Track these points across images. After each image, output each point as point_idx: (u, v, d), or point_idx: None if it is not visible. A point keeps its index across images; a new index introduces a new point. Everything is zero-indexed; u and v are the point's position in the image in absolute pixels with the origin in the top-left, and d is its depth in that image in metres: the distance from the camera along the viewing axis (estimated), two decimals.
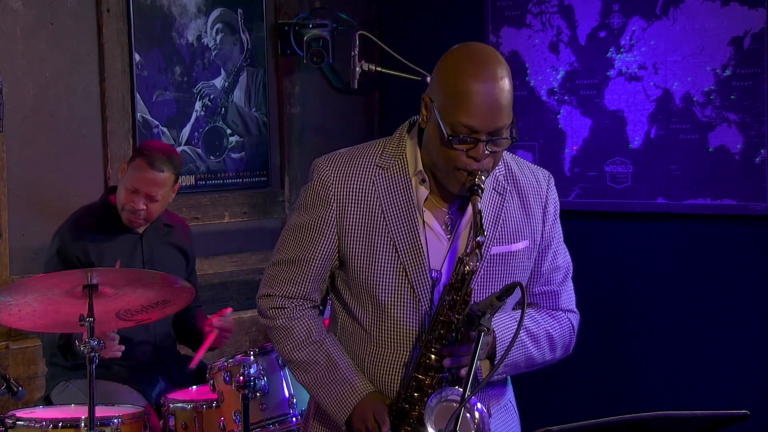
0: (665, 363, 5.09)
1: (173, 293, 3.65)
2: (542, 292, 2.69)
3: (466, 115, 2.39)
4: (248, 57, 5.43)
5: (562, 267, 2.71)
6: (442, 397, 2.45)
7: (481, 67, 2.41)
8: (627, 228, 5.19)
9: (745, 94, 4.82)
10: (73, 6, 4.77)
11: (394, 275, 2.52)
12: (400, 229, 2.52)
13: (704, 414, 2.26)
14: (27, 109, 4.63)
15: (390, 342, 2.56)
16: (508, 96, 2.42)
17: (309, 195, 2.59)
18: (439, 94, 2.45)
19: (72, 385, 4.12)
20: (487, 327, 2.38)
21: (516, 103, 2.52)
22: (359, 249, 2.54)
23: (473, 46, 2.49)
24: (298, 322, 2.61)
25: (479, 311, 2.39)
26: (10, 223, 4.56)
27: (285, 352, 2.63)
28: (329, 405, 2.57)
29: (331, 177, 2.55)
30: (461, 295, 2.44)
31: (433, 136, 2.46)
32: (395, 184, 2.54)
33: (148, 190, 4.11)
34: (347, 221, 2.54)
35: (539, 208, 2.66)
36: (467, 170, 2.43)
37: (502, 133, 2.44)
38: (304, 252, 2.58)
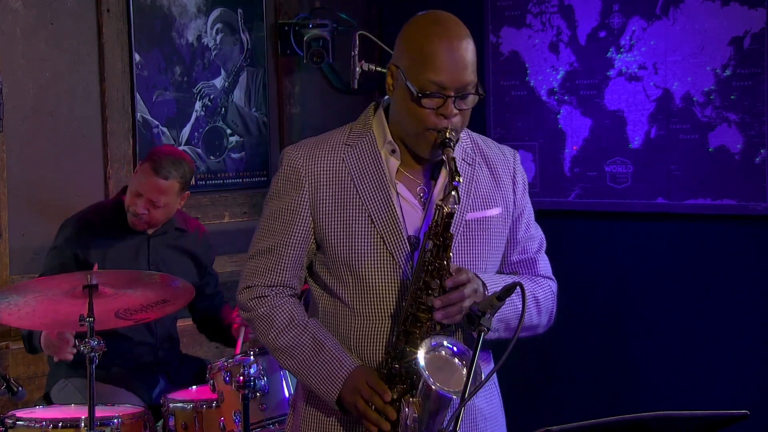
0: (665, 363, 5.09)
1: (173, 293, 3.65)
2: (520, 260, 2.73)
3: (434, 72, 2.45)
4: (248, 57, 5.43)
5: (537, 237, 2.76)
6: (431, 346, 2.44)
7: (444, 27, 2.51)
8: (627, 228, 5.19)
9: (745, 94, 4.82)
10: (73, 6, 4.77)
11: (372, 245, 2.54)
12: (374, 199, 2.55)
13: (704, 414, 2.26)
14: (27, 109, 4.63)
15: (374, 312, 2.56)
16: (473, 53, 2.51)
17: (280, 181, 2.61)
18: (404, 58, 2.51)
19: (71, 384, 4.12)
20: (488, 327, 2.38)
21: (516, 103, 2.54)
22: (336, 226, 2.56)
23: (434, 12, 2.59)
24: (280, 309, 2.61)
25: (479, 311, 2.39)
26: (10, 223, 4.56)
27: (269, 340, 2.62)
28: (318, 385, 2.56)
29: (300, 160, 2.58)
30: (441, 240, 2.46)
31: (402, 100, 2.52)
32: (365, 158, 2.58)
33: (151, 195, 4.10)
34: (321, 200, 2.56)
35: (508, 178, 2.70)
36: (437, 129, 2.48)
37: (469, 89, 2.49)
38: (281, 238, 2.59)
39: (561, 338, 5.35)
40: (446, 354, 2.48)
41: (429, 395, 2.43)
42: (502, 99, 5.42)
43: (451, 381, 2.44)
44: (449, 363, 2.47)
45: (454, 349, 2.48)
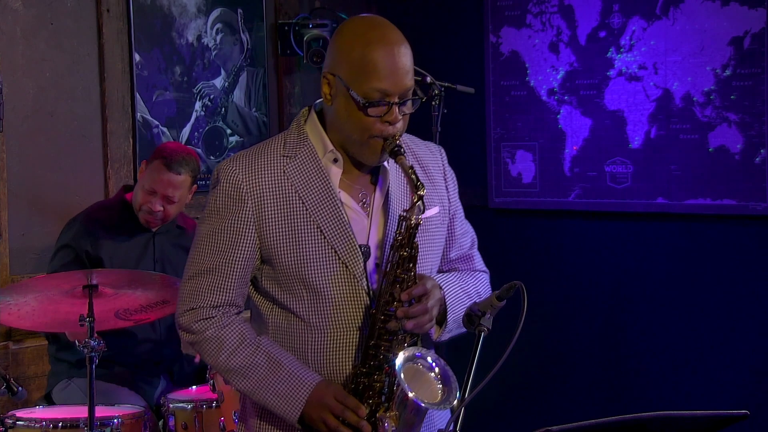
0: (665, 363, 5.09)
1: (172, 293, 3.65)
2: (458, 257, 2.74)
3: (378, 80, 2.44)
4: (248, 57, 5.43)
5: (469, 233, 2.78)
6: (406, 357, 2.44)
7: (382, 33, 2.50)
8: (627, 228, 5.19)
9: (745, 94, 4.82)
10: (73, 6, 4.77)
11: (325, 257, 2.50)
12: (321, 211, 2.51)
13: (704, 414, 2.26)
14: (27, 109, 4.63)
15: (333, 325, 2.52)
16: (411, 58, 2.50)
17: (220, 199, 2.55)
18: (343, 68, 2.47)
19: (73, 384, 4.12)
20: (488, 327, 2.38)
21: (516, 103, 2.54)
22: (285, 240, 2.51)
23: (367, 17, 2.59)
24: (229, 329, 2.53)
25: (479, 311, 2.40)
26: (10, 223, 4.55)
27: (220, 362, 2.53)
28: (277, 404, 2.49)
29: (240, 175, 2.52)
30: (408, 251, 2.46)
31: (343, 110, 2.49)
32: (307, 169, 2.53)
33: (165, 191, 4.12)
34: (266, 216, 2.51)
35: (440, 176, 2.70)
36: (383, 136, 2.47)
37: (410, 94, 2.50)
38: (224, 258, 2.52)
39: (561, 338, 5.36)
40: (422, 367, 2.47)
41: (406, 406, 2.41)
42: (502, 99, 5.42)
43: (426, 393, 2.44)
44: (424, 375, 2.47)
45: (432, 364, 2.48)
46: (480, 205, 5.50)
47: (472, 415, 2.76)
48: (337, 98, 2.50)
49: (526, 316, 2.41)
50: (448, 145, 4.93)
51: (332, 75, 2.49)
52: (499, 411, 5.13)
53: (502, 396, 4.55)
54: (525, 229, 5.44)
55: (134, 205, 4.21)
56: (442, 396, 2.45)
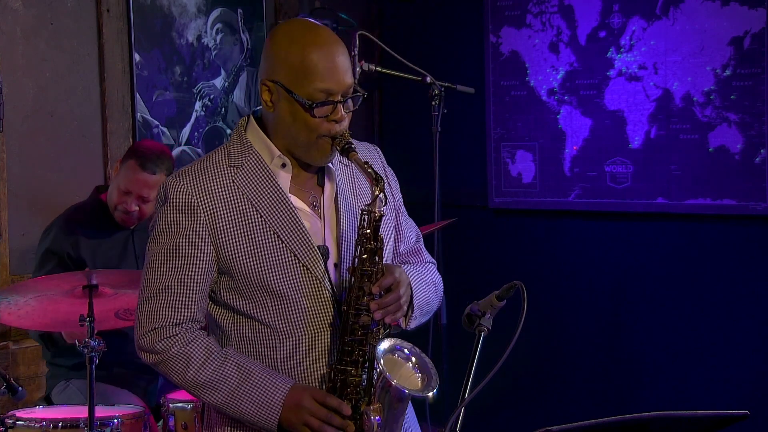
0: (665, 363, 5.09)
1: None
2: (407, 251, 2.76)
3: (320, 80, 2.45)
4: (248, 57, 5.43)
5: (413, 227, 2.81)
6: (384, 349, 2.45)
7: (316, 34, 2.50)
8: (627, 228, 5.19)
9: (745, 94, 4.82)
10: (73, 6, 4.77)
11: (285, 262, 2.50)
12: (275, 216, 2.51)
13: (704, 414, 2.26)
14: (27, 109, 4.63)
15: (300, 328, 2.51)
16: (347, 56, 2.52)
17: (171, 215, 2.50)
18: (282, 72, 2.48)
19: (72, 385, 4.12)
20: (487, 327, 2.38)
21: (516, 103, 2.54)
22: (243, 250, 2.50)
23: (295, 21, 2.62)
24: (194, 344, 2.50)
25: (479, 311, 2.40)
26: (10, 223, 4.55)
27: (188, 380, 2.49)
28: (254, 414, 2.46)
29: (189, 189, 2.50)
30: (374, 244, 2.47)
31: (287, 114, 2.49)
32: (256, 176, 2.53)
33: (140, 191, 4.11)
34: (221, 227, 2.50)
35: (381, 173, 2.68)
36: (331, 135, 2.49)
37: (351, 92, 2.52)
38: (181, 274, 2.49)
39: (561, 338, 5.36)
40: (400, 358, 2.49)
41: (389, 394, 2.42)
42: (502, 99, 5.42)
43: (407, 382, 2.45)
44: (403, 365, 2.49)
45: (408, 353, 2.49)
46: (480, 205, 5.50)
47: (472, 415, 2.76)
48: (279, 104, 2.50)
49: (526, 316, 2.41)
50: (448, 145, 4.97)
51: (271, 81, 2.50)
52: (499, 411, 5.13)
53: (502, 396, 4.55)
54: (525, 229, 5.44)
55: (109, 205, 4.19)
56: (423, 383, 2.46)
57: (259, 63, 2.57)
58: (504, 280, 2.53)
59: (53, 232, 4.18)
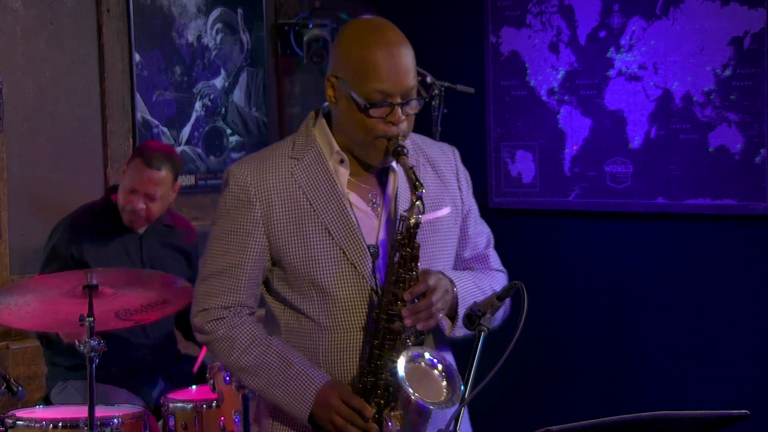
0: (665, 363, 5.09)
1: (173, 293, 3.65)
2: (472, 257, 2.74)
3: (379, 81, 2.45)
4: (248, 57, 5.43)
5: (485, 233, 2.79)
6: (409, 357, 2.45)
7: (382, 34, 2.51)
8: (627, 228, 5.19)
9: (745, 94, 4.82)
10: (73, 6, 4.77)
11: (333, 258, 2.52)
12: (329, 212, 2.53)
13: (704, 414, 2.26)
14: (27, 109, 4.63)
15: (342, 325, 2.53)
16: (412, 59, 2.52)
17: (229, 201, 2.57)
18: (345, 70, 2.50)
19: (70, 386, 4.12)
20: (488, 327, 2.38)
21: (516, 103, 2.54)
22: (293, 242, 2.53)
23: (367, 19, 2.62)
24: (240, 328, 2.56)
25: (479, 311, 2.40)
26: (10, 223, 4.56)
27: (232, 362, 2.57)
28: (288, 403, 2.51)
29: (248, 177, 2.55)
30: (409, 251, 2.47)
31: (347, 112, 2.51)
32: (314, 170, 2.55)
33: (147, 189, 4.10)
34: (274, 218, 2.54)
35: (452, 176, 2.71)
36: (387, 137, 2.48)
37: (413, 95, 2.51)
38: (234, 259, 2.55)
39: (561, 338, 5.36)
40: (426, 365, 2.48)
41: (409, 407, 2.42)
42: (502, 99, 5.42)
43: (431, 392, 2.44)
44: (428, 374, 2.48)
45: (434, 361, 2.48)
46: (480, 205, 5.47)
47: (473, 415, 2.76)
48: (340, 101, 2.52)
49: (526, 316, 2.41)
50: None
51: (335, 77, 2.51)
52: (499, 411, 5.13)
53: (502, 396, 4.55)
54: (525, 229, 5.44)
55: (119, 207, 4.19)
56: (447, 395, 2.44)
57: (260, 63, 2.57)
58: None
59: (59, 233, 4.17)
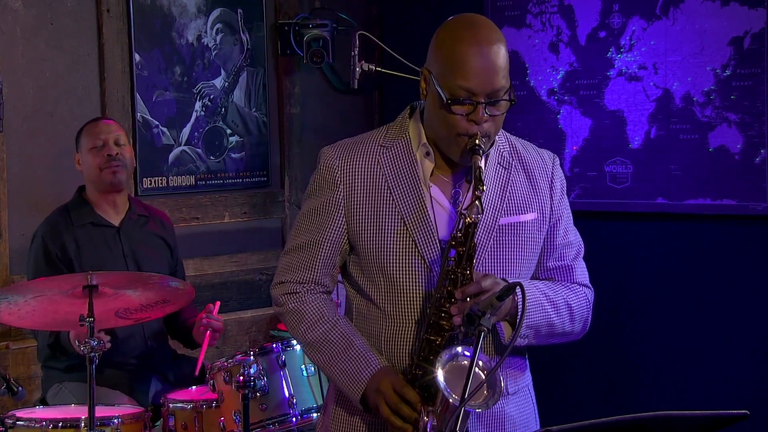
0: (665, 363, 5.09)
1: (173, 293, 3.65)
2: (556, 267, 2.71)
3: (463, 78, 2.45)
4: (248, 57, 5.43)
5: (575, 244, 2.74)
6: (452, 354, 2.44)
7: (474, 31, 2.49)
8: (627, 228, 5.19)
9: (745, 94, 4.82)
10: (73, 6, 4.77)
11: (404, 248, 2.54)
12: (406, 201, 2.55)
13: (704, 414, 2.26)
14: (27, 109, 4.63)
15: (405, 315, 2.56)
16: (504, 59, 2.48)
17: (316, 181, 2.64)
18: (436, 63, 2.51)
19: (65, 388, 4.11)
20: (487, 327, 2.38)
21: (516, 103, 2.54)
22: (369, 227, 2.57)
23: (467, 15, 2.58)
24: (310, 304, 2.63)
25: (479, 311, 2.39)
26: (10, 223, 4.56)
27: (299, 334, 2.64)
28: (343, 382, 2.57)
29: (336, 161, 2.60)
30: (465, 249, 2.46)
31: (434, 105, 2.52)
32: (399, 160, 2.59)
33: (108, 135, 4.19)
34: (355, 201, 2.58)
35: (545, 183, 2.69)
36: (468, 134, 2.48)
37: (500, 95, 2.48)
38: (314, 236, 2.62)
39: None
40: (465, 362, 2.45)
41: (448, 408, 2.42)
42: None
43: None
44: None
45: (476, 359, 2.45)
46: None
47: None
48: (429, 94, 2.54)
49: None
50: None
51: (428, 71, 2.53)
52: None
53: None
54: None
55: (92, 173, 4.18)
56: (486, 397, 2.42)
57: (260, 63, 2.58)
58: None
59: (38, 238, 4.16)
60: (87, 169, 4.20)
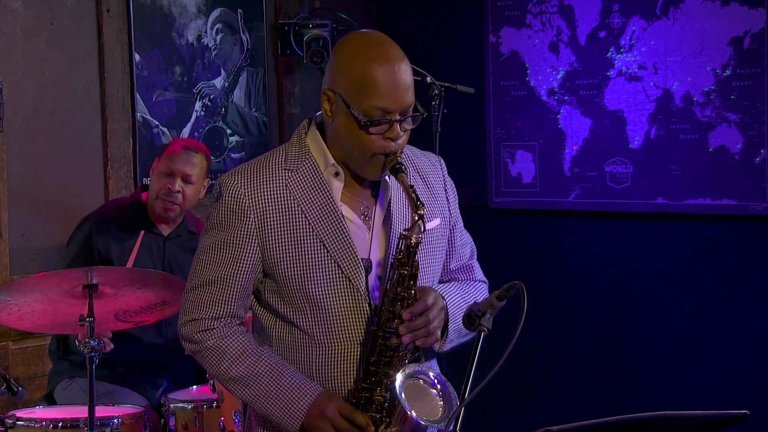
0: (665, 363, 5.09)
1: (173, 294, 3.65)
2: (458, 268, 2.74)
3: (378, 98, 2.44)
4: (248, 57, 5.43)
5: (468, 243, 2.78)
6: (407, 374, 2.46)
7: (380, 50, 2.48)
8: (627, 228, 5.19)
9: (745, 94, 4.82)
10: (73, 6, 4.77)
11: (328, 272, 2.51)
12: (324, 225, 2.52)
13: (704, 414, 2.26)
14: (27, 109, 4.63)
15: (336, 339, 2.53)
16: (411, 75, 2.49)
17: (222, 212, 2.54)
18: (342, 84, 2.47)
19: (75, 383, 4.11)
20: (487, 327, 2.38)
21: (516, 103, 2.55)
22: (287, 254, 2.52)
23: (365, 33, 2.57)
24: (230, 339, 2.56)
25: (479, 311, 2.40)
26: (10, 223, 4.55)
27: (221, 372, 2.56)
28: (277, 414, 2.50)
29: (242, 189, 2.52)
30: (408, 270, 2.47)
31: (344, 126, 2.49)
32: (309, 182, 2.54)
33: (184, 169, 4.13)
34: (269, 230, 2.52)
35: (440, 187, 2.70)
36: (385, 153, 2.48)
37: (411, 111, 2.49)
38: (226, 270, 2.54)
39: (561, 338, 5.36)
40: (423, 383, 2.49)
41: (405, 423, 2.42)
42: (502, 99, 5.42)
43: (427, 409, 2.45)
44: (426, 392, 2.49)
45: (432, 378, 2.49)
46: (480, 205, 5.50)
47: (472, 415, 2.76)
48: (337, 115, 2.50)
49: (526, 316, 2.41)
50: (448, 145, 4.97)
51: (332, 92, 2.49)
52: (499, 411, 5.13)
53: (502, 396, 4.55)
54: (525, 229, 5.44)
55: (150, 199, 4.18)
56: (442, 413, 2.46)
57: (260, 63, 2.57)
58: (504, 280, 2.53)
59: (87, 228, 4.15)
60: (151, 186, 4.20)
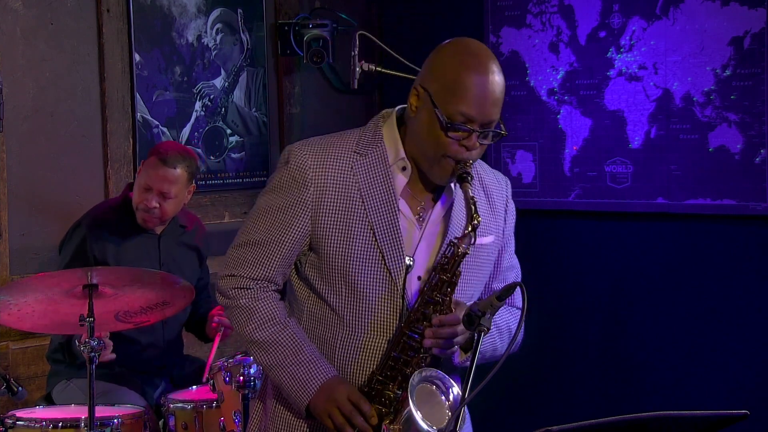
0: (665, 363, 5.09)
1: (173, 294, 3.65)
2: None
3: (465, 104, 2.46)
4: (248, 57, 5.43)
5: (515, 267, 2.79)
6: (423, 377, 2.46)
7: (479, 60, 2.50)
8: (627, 228, 5.19)
9: (745, 94, 4.82)
10: (73, 6, 4.77)
11: (371, 259, 2.53)
12: (378, 214, 2.54)
13: (704, 414, 2.26)
14: (27, 109, 4.63)
15: (364, 325, 2.55)
16: (503, 91, 2.51)
17: (284, 178, 2.58)
18: (434, 84, 2.50)
19: (73, 384, 4.11)
20: (487, 327, 2.39)
21: (516, 103, 2.56)
22: (336, 232, 2.54)
23: (470, 41, 2.58)
24: (262, 302, 2.58)
25: (479, 311, 2.40)
26: (10, 223, 4.55)
27: (246, 332, 2.59)
28: (290, 386, 2.53)
29: (309, 161, 2.56)
30: (449, 277, 2.49)
31: (425, 124, 2.51)
32: (374, 170, 2.56)
33: (161, 186, 4.09)
34: (325, 205, 2.55)
35: (502, 207, 2.72)
36: (456, 159, 2.49)
37: (493, 126, 2.51)
38: (275, 234, 2.56)
39: (561, 338, 5.36)
40: (436, 389, 2.49)
41: (410, 424, 2.42)
42: None
43: (434, 416, 2.45)
44: (437, 399, 2.49)
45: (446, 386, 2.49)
46: None
47: (473, 415, 2.77)
48: (421, 111, 2.52)
49: (526, 316, 2.41)
50: None
51: (422, 88, 2.52)
52: (499, 411, 5.13)
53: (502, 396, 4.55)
54: (525, 229, 5.42)
55: (133, 205, 4.18)
56: (447, 424, 2.45)
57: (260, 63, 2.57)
58: None
59: (82, 230, 4.14)
60: (134, 193, 4.17)
